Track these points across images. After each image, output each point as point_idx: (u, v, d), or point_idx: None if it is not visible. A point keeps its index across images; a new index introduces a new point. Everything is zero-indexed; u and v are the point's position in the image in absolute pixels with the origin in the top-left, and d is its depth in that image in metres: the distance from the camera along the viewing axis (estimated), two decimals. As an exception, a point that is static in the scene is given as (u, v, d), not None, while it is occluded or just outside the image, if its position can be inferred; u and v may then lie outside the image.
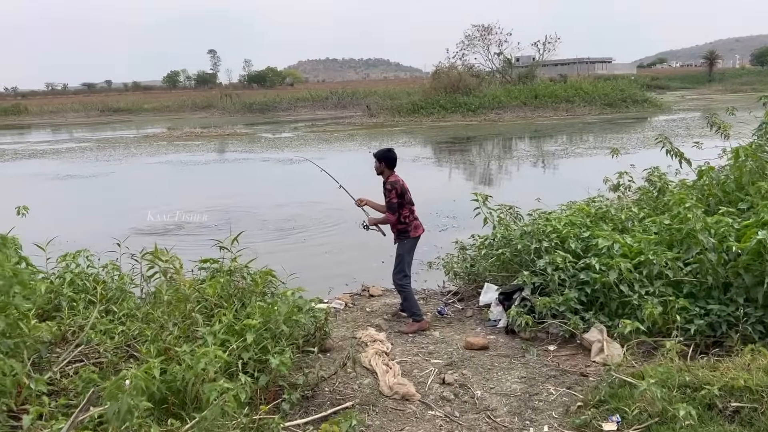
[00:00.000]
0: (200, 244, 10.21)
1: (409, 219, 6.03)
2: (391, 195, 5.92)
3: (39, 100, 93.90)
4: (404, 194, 6.00)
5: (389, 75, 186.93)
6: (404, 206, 5.99)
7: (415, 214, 6.11)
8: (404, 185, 6.02)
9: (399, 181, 5.99)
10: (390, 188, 5.94)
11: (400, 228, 6.06)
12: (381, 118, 40.78)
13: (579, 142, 25.48)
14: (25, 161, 25.33)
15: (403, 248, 6.09)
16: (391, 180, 5.99)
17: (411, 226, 6.05)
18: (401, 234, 6.08)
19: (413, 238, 6.09)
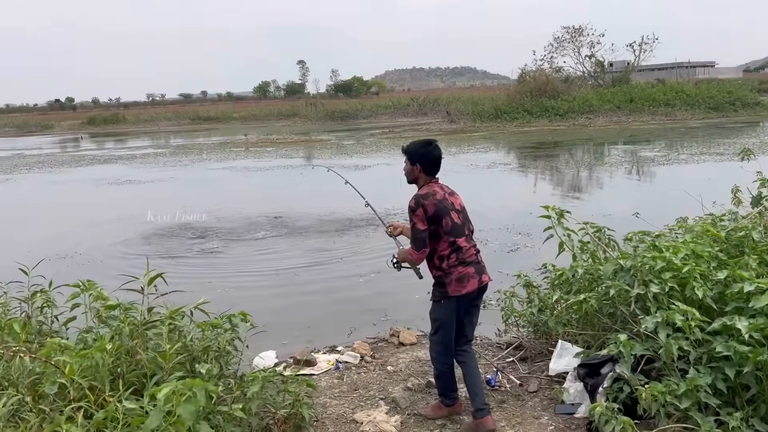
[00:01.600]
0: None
1: (448, 263, 3.68)
2: (416, 218, 3.64)
3: (138, 110, 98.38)
4: (440, 217, 3.65)
5: (475, 83, 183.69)
6: (441, 239, 3.68)
7: (464, 254, 3.70)
8: (444, 202, 3.71)
9: (435, 195, 3.70)
10: (414, 206, 3.67)
11: (435, 276, 3.76)
12: (461, 124, 38.72)
13: (682, 148, 22.30)
14: (97, 166, 25.20)
15: (439, 312, 3.77)
16: (422, 193, 3.73)
17: (452, 276, 3.66)
18: (437, 286, 3.77)
19: (454, 297, 3.68)
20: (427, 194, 3.69)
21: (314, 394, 4.39)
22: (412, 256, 3.69)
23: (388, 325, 5.90)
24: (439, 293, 3.73)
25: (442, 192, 3.75)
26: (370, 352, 5.15)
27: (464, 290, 3.66)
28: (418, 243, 3.65)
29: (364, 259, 8.51)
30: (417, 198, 3.69)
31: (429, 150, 3.81)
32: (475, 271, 3.71)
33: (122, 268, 8.36)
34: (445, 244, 3.67)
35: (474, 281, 3.70)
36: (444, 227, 3.65)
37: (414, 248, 3.67)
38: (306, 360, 4.98)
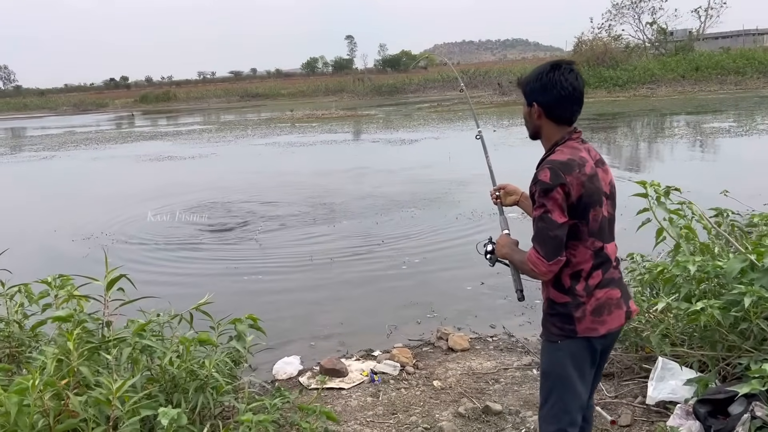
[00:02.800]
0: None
1: (587, 284, 2.18)
2: (551, 203, 2.11)
3: (189, 87, 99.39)
4: (588, 207, 2.14)
5: (527, 55, 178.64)
6: (581, 243, 2.17)
7: (610, 270, 2.24)
8: (595, 179, 2.17)
9: (583, 166, 2.14)
10: (549, 182, 2.10)
11: (558, 302, 2.21)
12: (513, 96, 37.07)
13: (759, 117, 20.38)
14: (142, 143, 24.97)
15: (553, 361, 2.28)
16: (562, 159, 2.14)
17: (587, 306, 2.18)
18: (555, 318, 2.23)
19: (584, 339, 2.20)
20: (570, 163, 2.11)
21: (343, 417, 3.52)
22: (535, 268, 2.11)
23: (435, 324, 4.96)
24: (558, 329, 2.20)
25: (591, 161, 2.17)
26: (412, 361, 4.23)
27: (604, 328, 2.17)
28: (550, 246, 2.09)
29: (408, 244, 7.55)
30: (554, 167, 2.09)
31: (554, 78, 2.18)
32: (620, 295, 2.24)
33: (130, 254, 7.68)
34: (587, 253, 2.16)
35: (619, 313, 2.22)
36: (591, 223, 2.14)
37: (540, 254, 2.10)
38: (335, 369, 4.10)
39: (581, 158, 2.15)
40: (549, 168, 2.12)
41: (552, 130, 2.25)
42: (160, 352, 2.46)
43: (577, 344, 2.20)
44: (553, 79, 2.19)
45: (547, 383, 2.31)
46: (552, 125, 2.25)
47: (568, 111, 2.22)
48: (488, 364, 4.13)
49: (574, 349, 2.21)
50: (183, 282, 6.50)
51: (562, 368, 2.23)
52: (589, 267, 2.17)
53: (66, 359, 2.10)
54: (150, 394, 2.32)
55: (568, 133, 2.23)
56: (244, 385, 3.16)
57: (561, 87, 2.18)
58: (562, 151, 2.18)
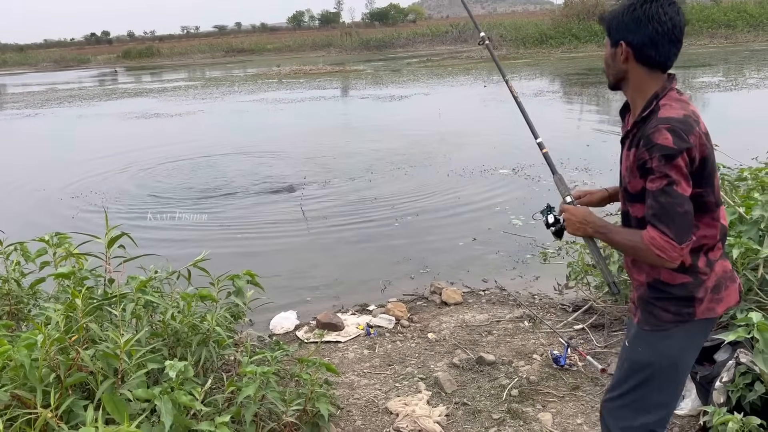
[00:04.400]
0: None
1: (708, 258, 1.86)
2: (674, 174, 1.70)
3: (173, 42, 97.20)
4: (711, 172, 1.81)
5: (517, 8, 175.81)
6: (707, 214, 1.83)
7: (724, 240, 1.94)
8: (708, 135, 1.81)
9: (691, 119, 1.75)
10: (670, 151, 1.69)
11: (675, 286, 1.85)
12: (503, 50, 36.63)
13: (748, 71, 20.37)
14: (126, 100, 24.54)
15: (661, 350, 1.89)
16: (671, 116, 1.74)
17: (707, 284, 1.85)
18: (671, 304, 1.86)
19: (702, 321, 1.88)
20: (687, 120, 1.74)
21: (341, 368, 3.61)
22: (663, 253, 1.72)
23: (428, 279, 5.03)
24: (672, 315, 1.86)
25: (695, 117, 1.78)
26: (407, 314, 4.31)
27: (722, 306, 1.88)
28: (681, 226, 1.72)
29: (401, 201, 7.58)
30: (674, 127, 1.71)
31: (650, 11, 1.78)
32: (732, 266, 1.97)
33: (121, 214, 7.67)
34: (714, 226, 1.85)
35: (734, 288, 1.92)
36: (716, 190, 1.85)
37: (669, 235, 1.71)
38: (331, 323, 4.18)
39: (694, 112, 1.78)
40: (669, 129, 1.70)
41: (642, 77, 1.84)
42: (163, 308, 2.50)
43: (693, 328, 1.86)
44: (648, 12, 1.78)
45: (642, 374, 1.92)
46: (642, 71, 1.83)
47: (665, 53, 1.79)
48: (481, 316, 4.22)
49: (689, 334, 1.87)
50: (177, 240, 6.51)
51: (670, 359, 1.88)
52: (714, 241, 1.85)
53: (73, 315, 2.14)
54: (154, 349, 2.37)
55: (668, 81, 1.83)
56: (244, 340, 3.22)
57: (658, 21, 1.76)
58: (671, 106, 1.77)
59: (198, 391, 2.15)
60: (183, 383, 2.08)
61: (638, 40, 1.79)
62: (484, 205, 7.17)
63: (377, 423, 3.04)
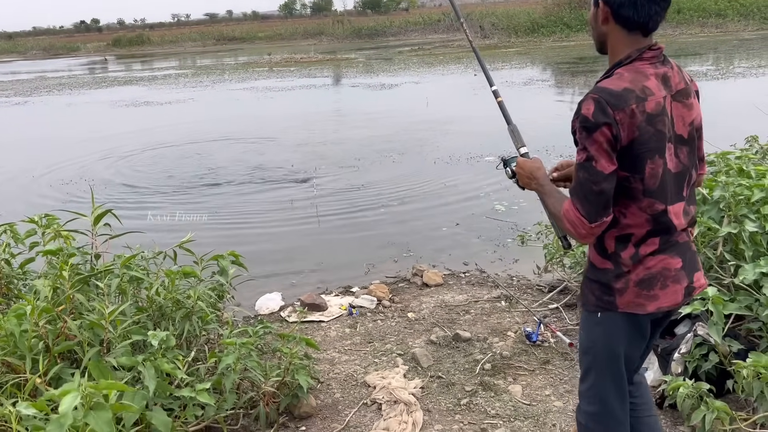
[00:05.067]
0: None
1: (636, 251, 1.77)
2: (592, 145, 1.65)
3: (163, 30, 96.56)
4: (644, 155, 1.68)
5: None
6: (634, 202, 1.73)
7: (672, 235, 1.79)
8: (662, 114, 1.69)
9: (646, 95, 1.66)
10: (589, 123, 1.64)
11: (599, 266, 1.84)
12: (495, 39, 36.73)
13: (737, 60, 20.55)
14: (116, 88, 24.48)
15: (593, 336, 1.90)
16: (605, 87, 1.68)
17: (631, 276, 1.78)
18: (596, 287, 1.85)
19: (627, 314, 1.81)
20: (624, 94, 1.64)
21: (322, 346, 3.74)
22: (573, 228, 1.72)
23: (411, 262, 5.16)
24: (595, 299, 1.84)
25: (660, 93, 1.68)
26: (388, 295, 4.44)
27: (653, 304, 1.78)
28: (594, 203, 1.67)
29: (387, 187, 7.70)
30: (601, 98, 1.64)
31: None
32: (682, 265, 1.80)
33: (110, 199, 7.75)
34: (641, 216, 1.74)
35: (676, 289, 1.79)
36: (647, 179, 1.70)
37: (581, 212, 1.68)
38: (315, 304, 4.30)
39: (644, 89, 1.65)
40: (594, 99, 1.63)
41: (619, 39, 1.72)
42: (147, 283, 2.62)
43: (618, 320, 1.81)
44: None
45: (586, 359, 1.93)
46: (620, 33, 1.71)
47: (644, 12, 1.66)
48: (460, 297, 4.36)
49: (614, 325, 1.82)
50: (164, 225, 6.61)
51: (600, 347, 1.86)
52: (643, 233, 1.74)
53: (60, 287, 2.25)
54: (138, 322, 2.49)
55: (638, 50, 1.70)
56: (228, 317, 3.35)
57: None
58: (620, 75, 1.68)
59: (181, 360, 2.27)
60: (166, 352, 2.20)
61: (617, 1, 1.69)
62: (469, 191, 7.30)
63: (355, 395, 3.18)
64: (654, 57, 1.72)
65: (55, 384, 2.12)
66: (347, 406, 3.10)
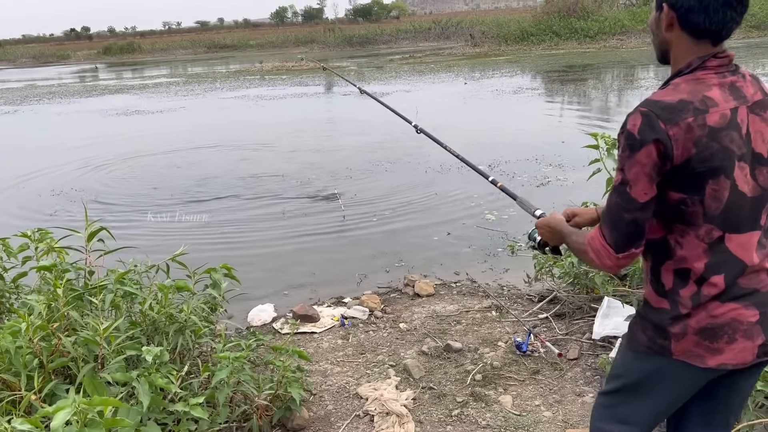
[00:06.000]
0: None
1: (695, 290, 1.52)
2: (632, 171, 1.45)
3: (154, 38, 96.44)
4: (699, 176, 1.45)
5: (500, 5, 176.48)
6: (693, 228, 1.50)
7: (745, 277, 1.52)
8: (730, 128, 1.45)
9: (707, 107, 1.44)
10: (634, 141, 1.44)
11: (653, 309, 1.60)
12: (485, 47, 37.02)
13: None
14: (107, 96, 24.46)
15: (632, 369, 1.68)
16: (658, 99, 1.46)
17: (691, 321, 1.53)
18: (648, 326, 1.61)
19: (682, 364, 1.56)
20: (680, 106, 1.43)
21: (315, 357, 3.77)
22: (598, 258, 1.56)
23: (402, 272, 5.20)
24: (646, 339, 1.61)
25: (727, 104, 1.46)
26: (380, 306, 4.48)
27: (715, 359, 1.53)
28: (623, 233, 1.50)
29: (379, 196, 7.75)
30: (650, 112, 1.44)
31: None
32: (758, 319, 1.52)
33: (100, 211, 7.75)
34: (699, 246, 1.51)
35: (747, 346, 1.52)
36: (707, 201, 1.47)
37: (607, 240, 1.53)
38: (307, 315, 4.33)
39: (704, 100, 1.43)
40: (642, 112, 1.43)
41: (685, 48, 1.50)
42: (141, 298, 2.64)
43: (670, 367, 1.57)
44: None
45: (616, 383, 1.73)
46: (687, 41, 1.49)
47: (718, 19, 1.43)
48: (451, 307, 4.40)
49: (664, 371, 1.59)
50: (155, 235, 6.62)
51: (638, 384, 1.65)
52: (702, 267, 1.50)
53: (54, 304, 2.27)
54: (132, 337, 2.51)
55: (700, 58, 1.47)
56: (221, 330, 3.37)
57: None
58: (676, 86, 1.47)
59: (174, 375, 2.29)
60: (160, 367, 2.23)
61: (684, 2, 1.46)
62: (460, 200, 7.35)
63: (348, 407, 3.21)
64: (720, 65, 1.48)
65: (50, 400, 2.14)
66: (340, 418, 3.13)
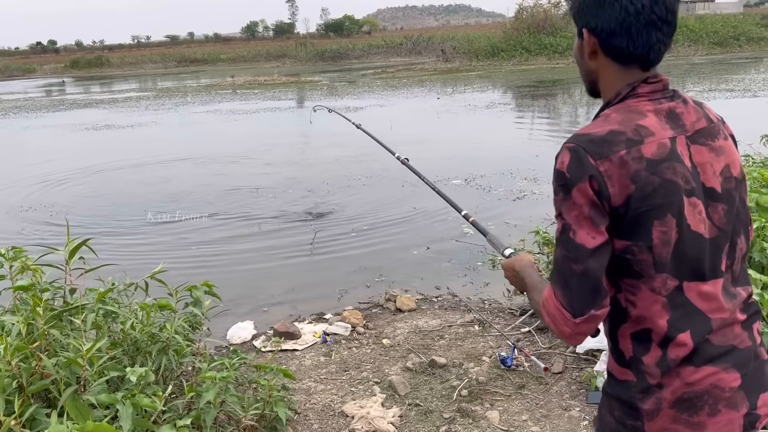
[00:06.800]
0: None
1: (660, 354, 1.27)
2: (571, 214, 1.24)
3: (123, 52, 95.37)
4: (641, 217, 1.22)
5: (470, 21, 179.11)
6: (642, 280, 1.26)
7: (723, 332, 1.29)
8: (672, 161, 1.24)
9: (640, 139, 1.24)
10: (565, 180, 1.25)
11: (618, 382, 1.34)
12: (456, 63, 37.44)
13: (690, 84, 21.35)
14: (76, 111, 24.03)
15: None
16: (586, 133, 1.27)
17: (662, 395, 1.27)
18: (616, 405, 1.33)
19: None
20: (610, 138, 1.24)
21: (298, 375, 3.71)
22: (555, 324, 1.28)
23: (383, 287, 5.18)
24: (614, 421, 1.34)
25: (664, 132, 1.26)
26: (362, 322, 4.44)
27: None
28: (577, 290, 1.23)
29: (357, 211, 7.73)
30: (578, 146, 1.25)
31: None
32: (740, 383, 1.28)
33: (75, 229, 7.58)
34: (656, 301, 1.26)
35: (731, 417, 1.27)
36: (656, 248, 1.24)
37: (562, 303, 1.25)
38: (288, 332, 4.27)
39: (637, 129, 1.24)
40: (569, 149, 1.25)
41: (613, 76, 1.33)
42: (123, 318, 2.57)
43: None
44: None
45: None
46: (613, 68, 1.32)
47: (641, 40, 1.27)
48: (434, 322, 4.39)
49: None
50: (132, 252, 6.48)
51: None
52: (664, 325, 1.25)
53: (34, 323, 2.19)
54: (114, 357, 2.44)
55: (629, 85, 1.30)
56: (202, 349, 3.30)
57: (630, 6, 1.25)
58: (606, 117, 1.29)
59: (159, 395, 2.23)
60: (145, 388, 2.16)
61: (603, 24, 1.29)
62: (438, 214, 7.36)
63: (333, 425, 3.16)
64: (654, 91, 1.30)
65: (30, 425, 2.06)
66: (324, 438, 3.08)
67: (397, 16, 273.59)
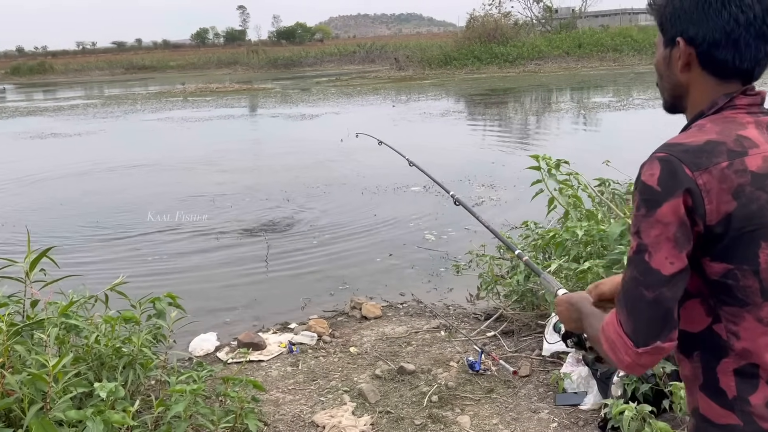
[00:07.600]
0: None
1: None
2: (651, 234, 1.08)
3: (68, 58, 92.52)
4: (746, 237, 1.08)
5: (422, 30, 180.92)
6: (747, 309, 1.12)
7: None
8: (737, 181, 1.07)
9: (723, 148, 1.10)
10: (652, 195, 1.08)
11: (716, 426, 1.16)
12: (410, 71, 37.73)
13: (635, 93, 22.08)
14: (19, 119, 23.17)
15: None
16: (679, 142, 1.12)
17: None
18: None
19: None
20: (709, 148, 1.10)
21: (265, 386, 3.64)
22: (614, 353, 1.13)
23: (347, 295, 5.15)
24: None
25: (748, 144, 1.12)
26: (328, 330, 4.40)
27: None
28: (644, 319, 1.09)
29: (317, 219, 7.69)
30: (672, 157, 1.09)
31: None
32: None
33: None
34: (765, 331, 1.13)
35: None
36: (763, 270, 1.11)
37: (625, 330, 1.11)
38: (253, 343, 4.20)
39: (739, 140, 1.12)
40: (661, 159, 1.10)
41: (707, 91, 1.18)
42: (87, 332, 2.48)
43: None
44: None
45: None
46: (710, 82, 1.18)
47: (749, 53, 1.13)
48: (400, 329, 4.39)
49: None
50: (87, 264, 6.27)
51: None
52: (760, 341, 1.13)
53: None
54: (79, 373, 2.35)
55: (726, 95, 1.16)
56: (166, 362, 3.21)
57: (739, 4, 1.11)
58: (701, 127, 1.16)
59: (129, 410, 2.15)
60: (115, 404, 2.09)
61: (706, 34, 1.14)
62: (399, 221, 7.40)
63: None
64: (752, 104, 1.17)
65: (-9, 447, 1.96)
66: (296, 447, 3.03)
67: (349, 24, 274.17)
